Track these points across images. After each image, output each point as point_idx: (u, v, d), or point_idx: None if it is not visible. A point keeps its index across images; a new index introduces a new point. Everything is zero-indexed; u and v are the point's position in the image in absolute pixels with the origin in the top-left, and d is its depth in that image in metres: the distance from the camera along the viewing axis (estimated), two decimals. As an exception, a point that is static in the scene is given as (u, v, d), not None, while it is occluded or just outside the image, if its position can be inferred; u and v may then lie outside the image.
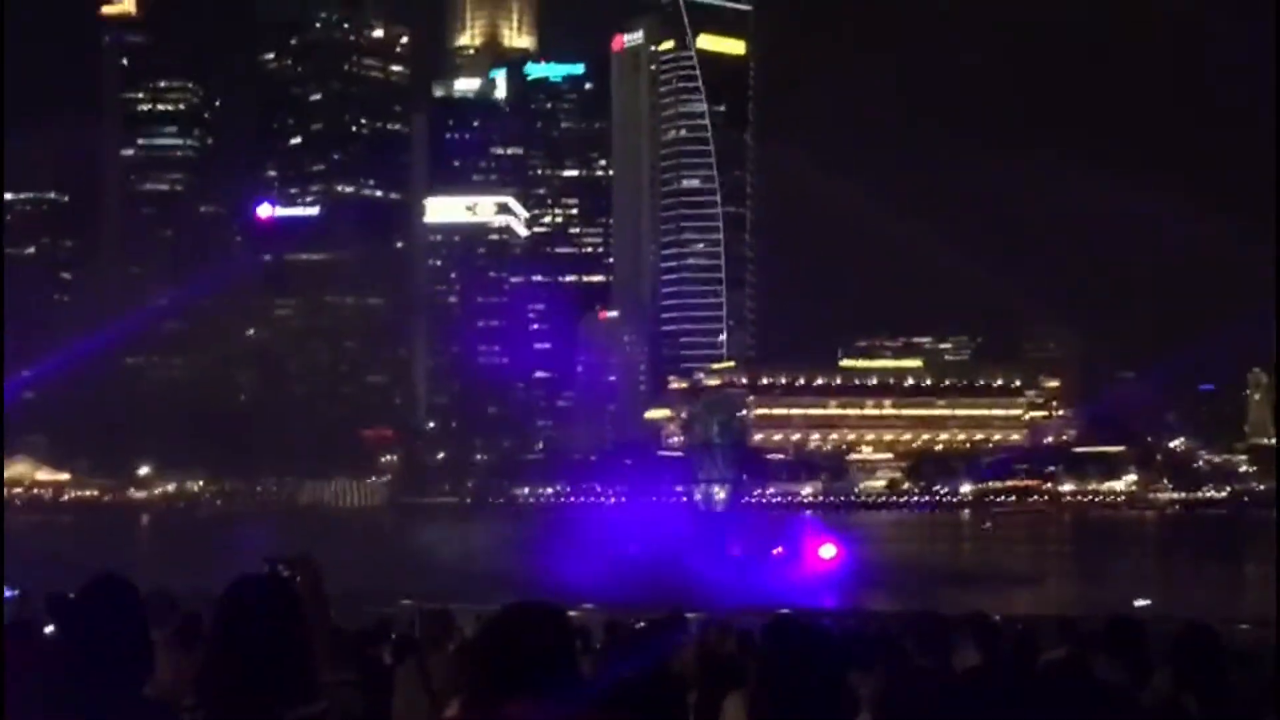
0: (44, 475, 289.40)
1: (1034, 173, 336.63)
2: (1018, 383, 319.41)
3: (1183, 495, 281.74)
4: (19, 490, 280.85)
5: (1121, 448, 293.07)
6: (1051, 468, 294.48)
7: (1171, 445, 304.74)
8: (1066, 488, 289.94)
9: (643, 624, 17.01)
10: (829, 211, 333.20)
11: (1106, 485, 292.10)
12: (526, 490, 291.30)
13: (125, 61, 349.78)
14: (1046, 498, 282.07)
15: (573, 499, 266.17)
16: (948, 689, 9.59)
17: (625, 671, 9.73)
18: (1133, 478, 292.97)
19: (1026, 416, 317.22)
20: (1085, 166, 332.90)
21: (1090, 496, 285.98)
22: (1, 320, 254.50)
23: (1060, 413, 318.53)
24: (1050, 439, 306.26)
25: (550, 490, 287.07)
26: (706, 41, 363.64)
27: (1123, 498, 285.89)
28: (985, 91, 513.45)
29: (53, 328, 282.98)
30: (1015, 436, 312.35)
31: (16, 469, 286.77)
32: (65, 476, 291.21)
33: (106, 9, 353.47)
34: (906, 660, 10.42)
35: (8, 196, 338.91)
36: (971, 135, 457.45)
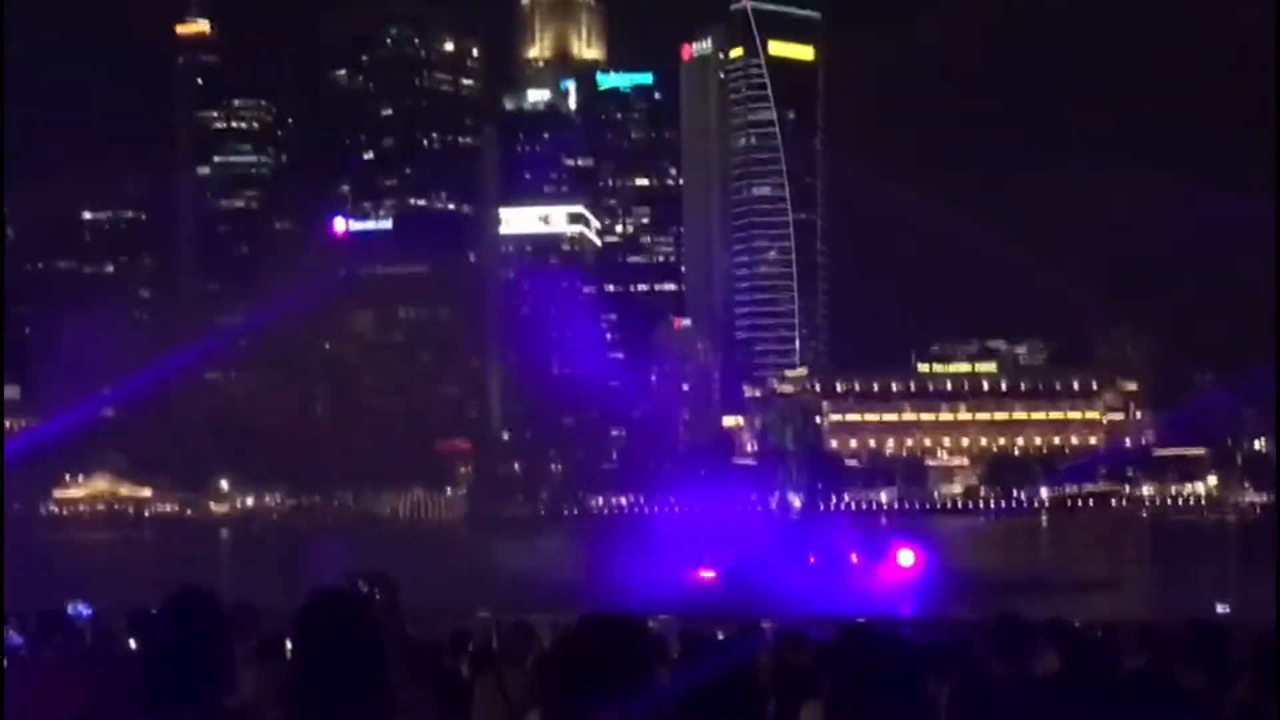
0: (125, 491, 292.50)
1: (1111, 175, 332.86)
2: (1095, 386, 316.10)
3: (1264, 498, 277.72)
4: (101, 507, 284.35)
5: (1201, 450, 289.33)
6: (1130, 471, 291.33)
7: (1252, 447, 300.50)
8: (1146, 491, 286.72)
9: (719, 634, 17.01)
10: (900, 216, 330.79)
11: (1186, 488, 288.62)
12: (601, 500, 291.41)
13: (200, 81, 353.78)
14: (1126, 502, 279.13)
15: (648, 509, 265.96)
16: (1026, 696, 9.54)
17: (701, 682, 9.74)
18: (1213, 480, 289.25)
19: (1104, 420, 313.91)
20: (1166, 168, 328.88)
21: (1170, 500, 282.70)
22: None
23: (1138, 415, 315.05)
24: (1129, 442, 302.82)
25: (625, 500, 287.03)
26: (775, 48, 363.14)
27: (1203, 501, 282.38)
28: (1062, 93, 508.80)
29: (132, 345, 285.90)
30: (1093, 440, 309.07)
31: (98, 485, 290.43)
32: (146, 492, 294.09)
33: (181, 29, 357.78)
34: (984, 668, 10.37)
35: (86, 216, 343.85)
36: (1046, 137, 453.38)
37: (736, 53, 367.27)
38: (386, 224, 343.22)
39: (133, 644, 13.65)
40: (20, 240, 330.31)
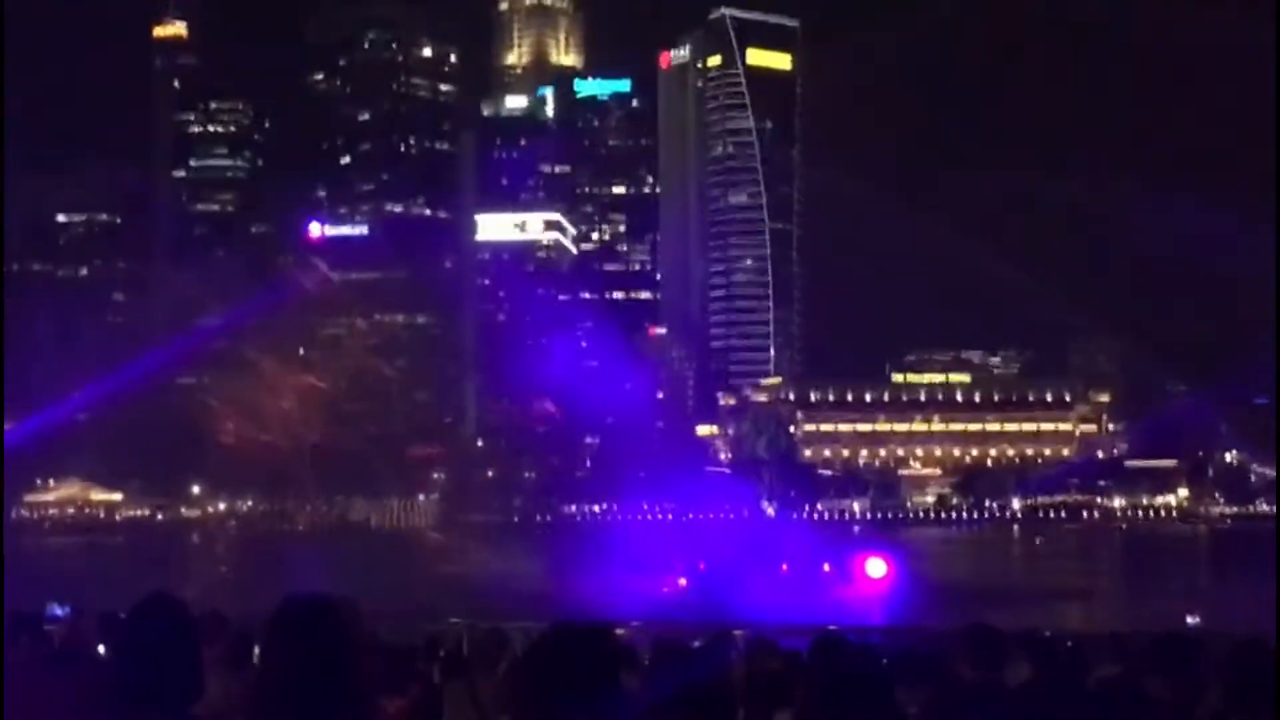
0: (97, 495, 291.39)
1: (1083, 185, 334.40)
2: (1068, 397, 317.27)
3: (1235, 509, 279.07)
4: (72, 510, 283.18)
5: (1173, 462, 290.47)
6: (1103, 482, 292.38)
7: (1224, 459, 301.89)
8: (1118, 503, 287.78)
9: (691, 642, 16.99)
10: (876, 226, 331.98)
11: (1158, 500, 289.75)
12: (575, 508, 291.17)
13: (176, 83, 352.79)
14: (1098, 513, 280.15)
15: (621, 516, 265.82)
16: (998, 705, 9.55)
17: (672, 690, 9.72)
18: (1185, 492, 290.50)
19: (1077, 431, 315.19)
20: (1135, 178, 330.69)
21: (1142, 511, 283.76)
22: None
23: (1111, 427, 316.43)
24: (1101, 453, 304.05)
25: (598, 508, 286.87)
26: (754, 57, 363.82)
27: (1174, 512, 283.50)
28: (1034, 105, 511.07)
29: (105, 349, 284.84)
30: (1066, 451, 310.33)
31: (69, 490, 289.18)
32: (118, 496, 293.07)
33: (158, 31, 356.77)
34: (956, 677, 10.38)
35: (61, 218, 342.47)
36: (1020, 148, 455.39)
37: (715, 61, 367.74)
38: (363, 229, 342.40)
39: (102, 649, 13.57)
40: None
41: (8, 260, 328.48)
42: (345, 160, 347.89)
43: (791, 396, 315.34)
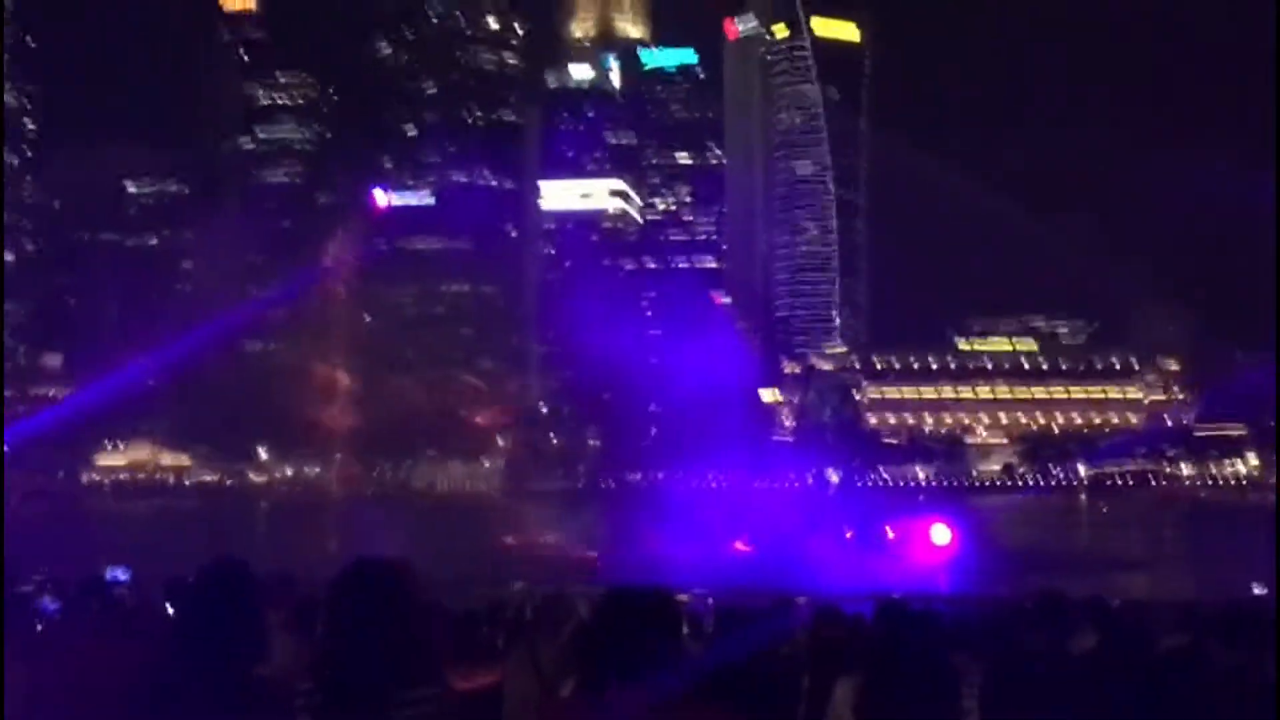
0: (165, 460, 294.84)
1: (1149, 152, 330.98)
2: (1135, 364, 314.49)
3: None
4: (142, 475, 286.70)
5: (1242, 429, 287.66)
6: (1170, 450, 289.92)
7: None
8: (1186, 471, 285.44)
9: (755, 609, 16.99)
10: (942, 195, 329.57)
11: (1226, 467, 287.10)
12: (639, 475, 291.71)
13: (243, 55, 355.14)
14: (1165, 481, 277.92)
15: (685, 483, 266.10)
16: (1062, 673, 9.50)
17: (736, 656, 9.74)
18: (1254, 460, 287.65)
19: (1145, 399, 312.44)
20: (1202, 144, 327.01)
21: (1210, 479, 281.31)
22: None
23: (1179, 394, 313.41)
24: (1168, 421, 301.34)
25: (662, 475, 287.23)
26: (820, 26, 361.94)
27: (1243, 480, 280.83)
28: (1101, 71, 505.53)
29: (174, 316, 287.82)
30: (1133, 419, 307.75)
31: (139, 453, 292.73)
32: (186, 461, 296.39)
33: (226, 4, 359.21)
34: (1019, 645, 10.33)
35: (130, 189, 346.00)
36: (1086, 115, 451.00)
37: (781, 30, 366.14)
38: (429, 199, 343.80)
39: (170, 611, 13.73)
40: (64, 212, 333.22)
41: (80, 229, 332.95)
42: (411, 131, 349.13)
43: (856, 364, 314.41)
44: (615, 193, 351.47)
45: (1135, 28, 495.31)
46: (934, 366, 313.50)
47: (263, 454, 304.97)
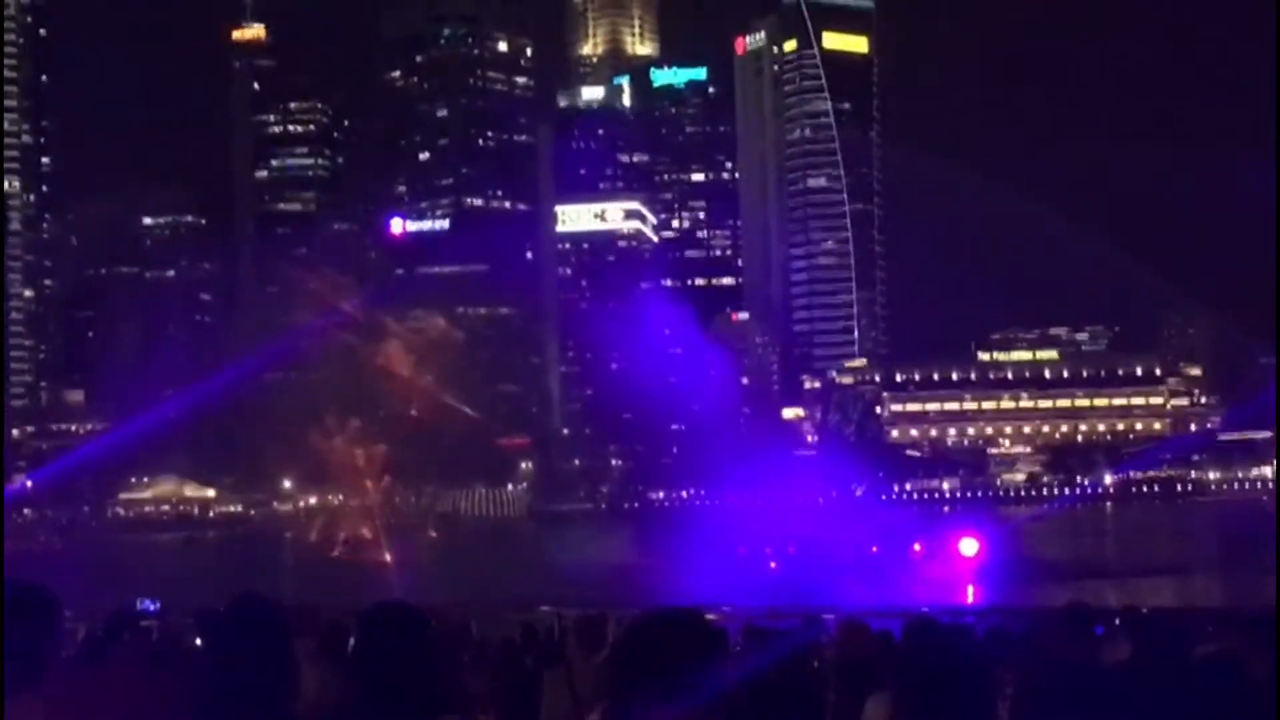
0: (191, 492, 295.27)
1: (1167, 158, 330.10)
2: (1159, 371, 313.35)
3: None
4: (166, 508, 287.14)
5: (1268, 434, 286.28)
6: (1196, 456, 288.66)
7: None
8: (1212, 476, 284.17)
9: (781, 625, 16.95)
10: (957, 205, 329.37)
11: (1253, 472, 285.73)
12: (662, 494, 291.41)
13: (255, 85, 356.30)
14: (1192, 487, 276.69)
15: (709, 502, 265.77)
16: (1095, 684, 9.44)
17: (763, 674, 9.70)
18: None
19: (1169, 405, 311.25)
20: (1219, 150, 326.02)
21: (1237, 484, 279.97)
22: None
23: (1203, 400, 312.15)
24: (1193, 427, 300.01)
25: (686, 494, 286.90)
26: (829, 40, 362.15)
27: (1270, 485, 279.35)
28: (1116, 80, 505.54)
29: (194, 348, 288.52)
30: (1157, 426, 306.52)
31: (165, 487, 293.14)
32: (211, 493, 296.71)
33: (236, 34, 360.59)
34: (1052, 656, 10.27)
35: (147, 222, 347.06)
36: (1101, 123, 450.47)
37: (790, 45, 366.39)
38: (444, 224, 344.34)
39: (199, 643, 13.74)
40: (82, 247, 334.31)
41: (97, 265, 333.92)
42: (424, 156, 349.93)
43: (877, 378, 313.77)
44: (630, 213, 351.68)
45: (1153, 32, 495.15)
46: (955, 378, 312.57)
47: (286, 484, 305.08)
